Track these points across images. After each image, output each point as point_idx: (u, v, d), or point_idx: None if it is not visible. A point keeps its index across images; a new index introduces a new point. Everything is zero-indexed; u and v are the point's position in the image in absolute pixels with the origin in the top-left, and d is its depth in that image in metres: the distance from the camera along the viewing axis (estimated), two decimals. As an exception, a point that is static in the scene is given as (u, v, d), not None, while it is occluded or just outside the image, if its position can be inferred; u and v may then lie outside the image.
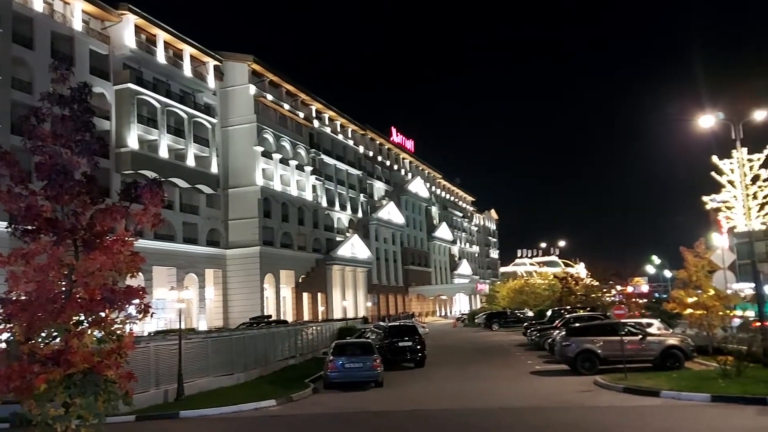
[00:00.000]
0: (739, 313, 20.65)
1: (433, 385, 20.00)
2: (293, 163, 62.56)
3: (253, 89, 57.56)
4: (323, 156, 70.00)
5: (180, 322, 19.60)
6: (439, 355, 29.45)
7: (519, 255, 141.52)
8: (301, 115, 66.07)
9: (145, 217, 9.84)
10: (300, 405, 17.36)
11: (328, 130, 72.68)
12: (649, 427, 12.45)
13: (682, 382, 16.62)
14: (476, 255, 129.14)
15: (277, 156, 59.58)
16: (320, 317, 61.49)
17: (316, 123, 69.54)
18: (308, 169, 65.56)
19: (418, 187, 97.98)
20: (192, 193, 51.25)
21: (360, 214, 78.15)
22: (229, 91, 57.41)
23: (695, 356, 20.85)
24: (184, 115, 50.67)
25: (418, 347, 25.62)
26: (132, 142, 44.69)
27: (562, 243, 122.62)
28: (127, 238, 9.66)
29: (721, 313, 19.11)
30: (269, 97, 60.04)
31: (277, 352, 26.42)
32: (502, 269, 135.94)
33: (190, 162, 50.61)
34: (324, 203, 69.20)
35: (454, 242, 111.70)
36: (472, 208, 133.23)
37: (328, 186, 70.64)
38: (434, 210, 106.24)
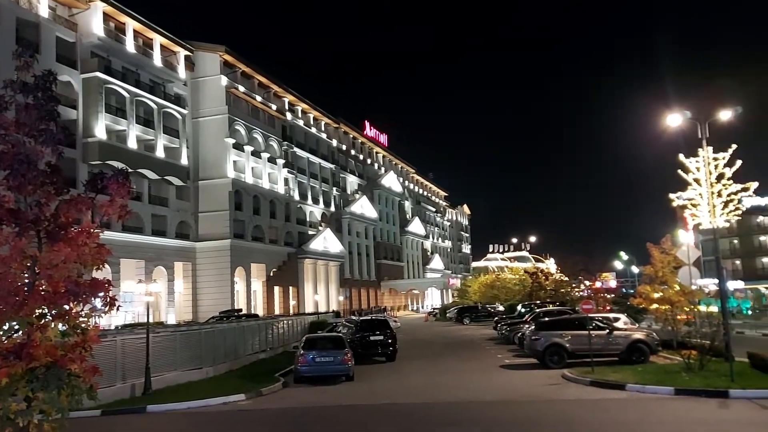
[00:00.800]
0: (702, 308, 21.11)
1: (404, 379, 20.06)
2: (265, 155, 62.00)
3: (224, 80, 56.82)
4: (296, 149, 69.53)
5: (148, 315, 19.30)
6: (410, 349, 29.55)
7: (491, 250, 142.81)
8: (274, 107, 65.47)
9: (112, 209, 9.62)
10: (269, 399, 17.25)
11: (300, 122, 72.18)
12: (614, 419, 12.67)
13: (647, 375, 16.96)
14: (449, 250, 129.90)
15: (248, 148, 58.97)
16: (291, 311, 61.30)
17: (288, 115, 69.00)
18: (280, 161, 65.04)
19: (391, 181, 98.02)
20: (161, 185, 50.46)
21: (333, 208, 77.89)
22: (200, 82, 56.58)
23: (660, 350, 21.32)
24: (154, 106, 49.80)
25: (390, 341, 25.66)
26: (99, 132, 43.78)
27: (533, 239, 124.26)
28: (92, 230, 9.43)
29: (686, 308, 19.51)
30: (241, 88, 59.36)
31: (247, 346, 26.22)
32: (474, 264, 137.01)
33: (160, 153, 49.79)
34: (296, 196, 68.77)
35: (426, 237, 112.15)
36: (445, 203, 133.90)
37: (300, 179, 70.21)
38: (407, 204, 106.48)
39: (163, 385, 18.36)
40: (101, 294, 9.29)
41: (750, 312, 64.13)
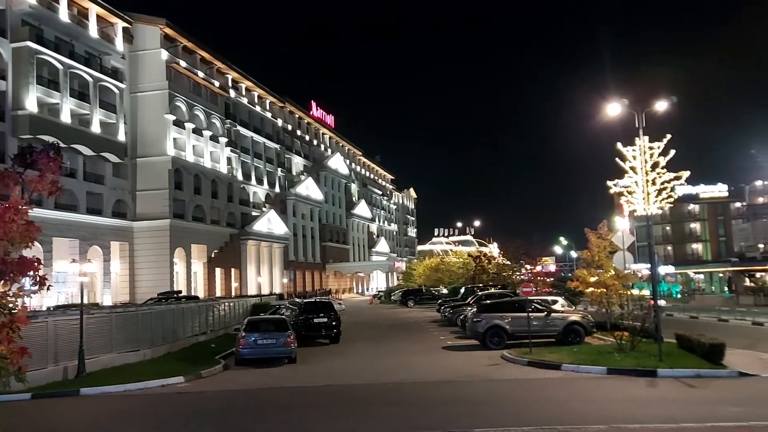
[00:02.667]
0: (635, 291, 21.96)
1: (347, 361, 20.11)
2: (207, 133, 60.44)
3: (165, 54, 54.85)
4: (239, 127, 68.05)
5: (82, 296, 18.60)
6: (354, 332, 29.64)
7: (436, 234, 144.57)
8: (217, 84, 63.76)
9: (42, 185, 9.19)
10: (210, 382, 16.99)
11: (245, 100, 70.64)
12: (549, 397, 13.07)
13: (582, 356, 17.58)
14: (394, 233, 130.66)
15: (189, 125, 57.31)
16: (234, 293, 60.41)
17: (232, 93, 67.38)
18: (223, 140, 63.54)
19: (337, 163, 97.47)
20: (97, 162, 48.48)
21: (277, 189, 76.89)
22: (139, 55, 54.39)
23: (595, 332, 22.12)
24: (90, 79, 47.60)
25: (334, 324, 25.66)
26: (30, 105, 41.58)
27: (477, 223, 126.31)
28: (21, 207, 8.97)
29: (620, 291, 20.25)
30: (182, 63, 57.47)
31: (186, 328, 25.69)
32: (420, 247, 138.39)
33: (96, 128, 47.73)
34: (239, 176, 67.49)
35: (372, 220, 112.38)
36: (391, 187, 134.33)
37: (244, 159, 68.87)
38: (354, 187, 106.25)
39: (98, 368, 17.82)
40: (30, 273, 8.89)
41: (679, 295, 67.55)
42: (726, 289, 70.33)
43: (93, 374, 17.11)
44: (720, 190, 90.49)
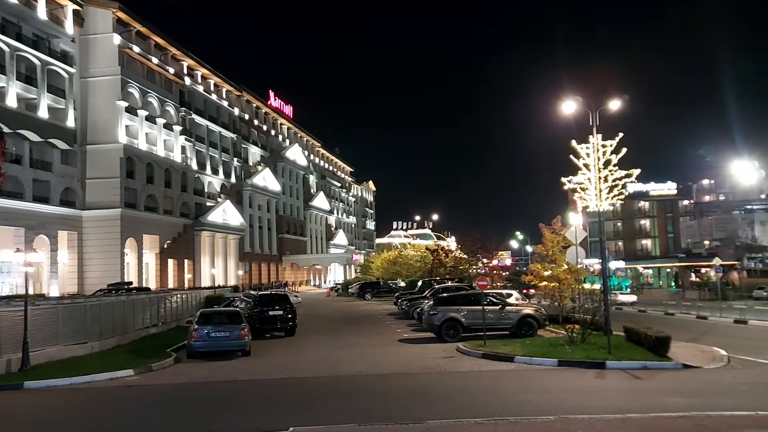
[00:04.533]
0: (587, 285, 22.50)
1: (303, 354, 19.99)
2: (161, 121, 58.97)
3: (117, 39, 53.21)
4: (194, 116, 66.66)
5: (27, 286, 17.92)
6: (310, 324, 29.50)
7: (394, 227, 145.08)
8: (171, 70, 62.23)
9: (-18, 169, 8.75)
10: (160, 375, 16.62)
11: (200, 88, 69.19)
12: (502, 389, 13.26)
13: (534, 348, 17.90)
14: (353, 225, 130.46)
15: (142, 113, 55.80)
16: (187, 285, 59.32)
17: (187, 80, 65.90)
18: (177, 128, 62.11)
19: (296, 154, 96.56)
20: (45, 148, 46.72)
21: (233, 179, 75.71)
22: (90, 39, 52.58)
23: (547, 325, 22.56)
24: (37, 62, 45.76)
25: (289, 316, 25.49)
26: (-27, 87, 39.76)
27: (435, 217, 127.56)
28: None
29: (572, 285, 20.70)
30: (136, 48, 55.87)
31: (137, 320, 25.07)
32: (378, 240, 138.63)
33: (43, 113, 45.98)
34: (194, 166, 66.15)
35: (331, 212, 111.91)
36: (350, 179, 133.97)
37: (199, 148, 67.53)
38: (312, 179, 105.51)
39: (43, 361, 17.23)
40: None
41: (629, 290, 69.56)
42: (673, 284, 72.80)
43: (38, 367, 16.53)
44: (669, 188, 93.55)
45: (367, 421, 10.08)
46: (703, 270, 66.72)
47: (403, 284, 55.45)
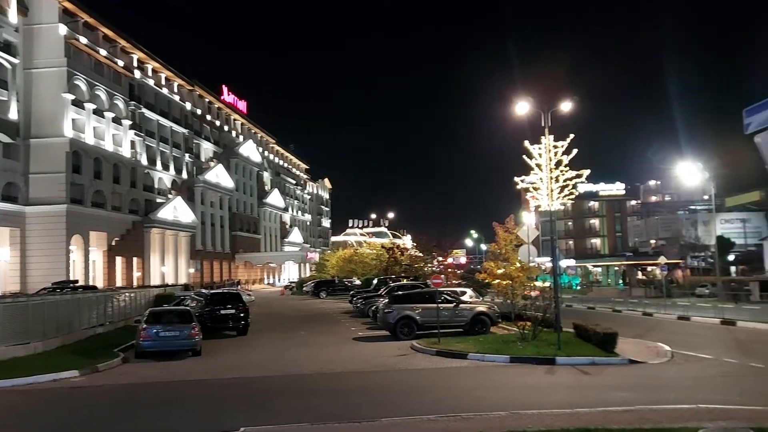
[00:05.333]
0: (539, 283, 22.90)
1: (255, 353, 19.71)
2: (109, 115, 57.24)
3: (63, 29, 51.38)
4: (144, 110, 64.95)
5: (-38, 286, 17.09)
6: (263, 323, 29.15)
7: (350, 225, 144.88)
8: (121, 63, 60.48)
9: None
10: (107, 375, 16.10)
11: (151, 82, 67.47)
12: (456, 385, 13.37)
13: (487, 345, 18.12)
14: (308, 223, 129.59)
15: (90, 106, 54.05)
16: (136, 283, 57.86)
17: (137, 73, 64.16)
18: (127, 123, 60.42)
19: (249, 150, 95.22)
20: (-16, 141, 44.77)
21: (185, 175, 74.14)
22: (34, 29, 50.57)
23: (500, 322, 22.88)
24: (-23, 51, 43.80)
25: (242, 315, 25.10)
26: None
27: (391, 215, 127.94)
28: None
29: (525, 283, 21.04)
30: (83, 39, 54.06)
31: (83, 320, 24.19)
32: (333, 238, 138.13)
33: (-17, 105, 44.04)
34: (144, 161, 64.51)
35: (285, 209, 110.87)
36: (305, 176, 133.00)
37: (149, 143, 65.87)
38: (266, 175, 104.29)
39: (-19, 363, 16.42)
40: None
41: (579, 287, 71.30)
42: (621, 281, 74.89)
43: (-26, 369, 15.75)
44: (618, 188, 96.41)
45: (320, 419, 9.99)
46: (649, 268, 68.93)
47: (358, 282, 55.39)
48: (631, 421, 9.06)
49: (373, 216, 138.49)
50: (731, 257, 62.33)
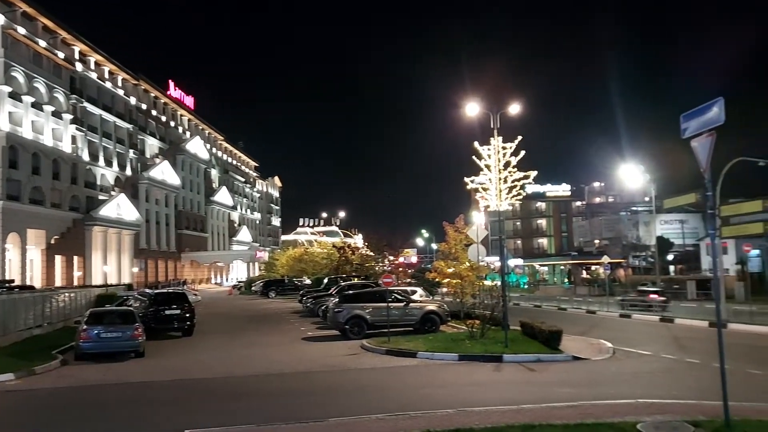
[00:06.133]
0: (488, 282, 23.19)
1: (201, 354, 19.29)
2: (49, 108, 55.04)
3: (0, 19, 49.05)
4: (87, 104, 62.78)
5: None
6: (210, 324, 28.59)
7: (301, 224, 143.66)
8: (61, 55, 58.24)
9: None
10: (44, 378, 15.41)
11: (93, 75, 65.24)
12: (404, 384, 13.41)
13: (436, 343, 18.27)
14: (257, 222, 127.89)
15: (28, 99, 51.85)
16: (76, 283, 55.88)
17: (79, 66, 61.93)
18: (67, 117, 58.25)
19: (197, 147, 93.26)
20: None
21: (129, 172, 72.02)
22: (-32, 16, 48.22)
23: (450, 320, 23.10)
24: None
25: (187, 315, 24.53)
26: None
27: (342, 214, 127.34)
28: None
29: (474, 282, 21.27)
30: (21, 30, 51.84)
31: (18, 320, 23.16)
32: (284, 237, 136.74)
33: None
34: (86, 157, 62.32)
35: (234, 208, 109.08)
36: (255, 174, 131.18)
37: (91, 138, 63.68)
38: (214, 173, 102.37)
39: None
40: None
41: (526, 286, 72.80)
42: (566, 280, 76.82)
43: None
44: (564, 189, 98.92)
45: (267, 421, 9.84)
46: (593, 267, 70.94)
47: (308, 282, 54.98)
48: (573, 416, 9.26)
49: (324, 215, 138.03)
50: (670, 257, 64.81)
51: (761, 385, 12.58)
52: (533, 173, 20.91)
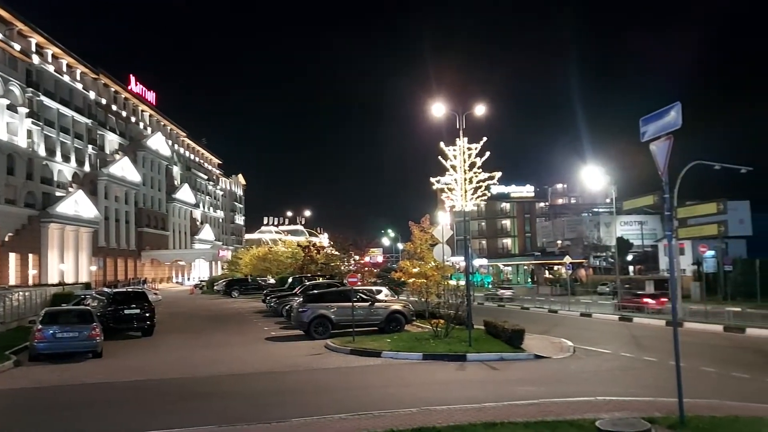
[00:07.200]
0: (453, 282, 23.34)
1: (161, 355, 18.93)
2: (3, 101, 53.42)
3: (-48, 6, 47.34)
4: (44, 98, 60.96)
5: None
6: (171, 324, 28.11)
7: (265, 222, 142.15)
8: (17, 47, 56.45)
9: None
10: (-4, 380, 14.90)
11: (51, 68, 63.39)
12: (369, 384, 13.39)
13: (401, 343, 18.31)
14: (220, 220, 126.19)
15: (-18, 91, 50.11)
16: (31, 281, 54.30)
17: (35, 59, 60.11)
18: (23, 110, 56.51)
19: (158, 143, 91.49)
20: None
21: (87, 168, 70.23)
22: None
23: (414, 320, 23.19)
24: None
25: (147, 315, 24.05)
26: None
27: (308, 213, 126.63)
28: None
29: (439, 281, 21.39)
30: (-25, 19, 50.02)
31: (-31, 321, 22.39)
32: (248, 236, 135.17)
33: None
34: (42, 152, 60.55)
35: (196, 206, 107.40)
36: (218, 172, 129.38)
37: (48, 133, 61.88)
38: (176, 170, 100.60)
39: None
40: None
41: (491, 285, 73.62)
42: (529, 280, 77.97)
43: None
44: (528, 190, 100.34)
45: (229, 421, 9.69)
46: (555, 267, 72.17)
47: (273, 281, 54.47)
48: (534, 414, 9.39)
49: (290, 214, 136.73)
50: (630, 257, 66.37)
51: (714, 383, 12.97)
52: (498, 174, 21.12)
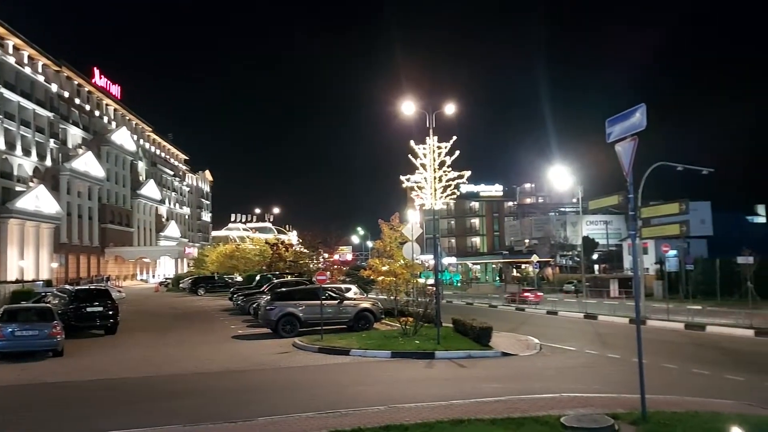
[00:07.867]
0: (421, 280, 23.40)
1: (124, 353, 18.56)
2: (-38, 93, 51.60)
3: None
4: (3, 90, 59.25)
5: None
6: (135, 322, 27.60)
7: (233, 219, 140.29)
8: (-23, 37, 54.69)
9: None
10: (-50, 382, 14.40)
11: (11, 60, 61.58)
12: (337, 382, 13.34)
13: (370, 341, 18.30)
14: (187, 217, 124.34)
15: (-62, 82, 48.39)
16: (-10, 279, 52.60)
17: (-5, 50, 58.31)
18: (-18, 103, 54.76)
19: (123, 138, 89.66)
20: None
21: (49, 163, 68.44)
22: None
23: (383, 318, 23.19)
24: None
25: (110, 313, 23.57)
26: None
27: (276, 210, 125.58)
28: None
29: (408, 280, 21.43)
30: (-69, 7, 48.29)
31: None
32: (214, 233, 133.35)
33: None
34: (1, 146, 58.83)
35: (162, 202, 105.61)
36: (185, 167, 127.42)
37: (8, 126, 60.16)
38: (141, 165, 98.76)
39: None
40: None
41: (459, 284, 74.13)
42: (497, 278, 78.72)
43: None
44: (497, 189, 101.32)
45: (194, 421, 9.54)
46: (523, 266, 73.03)
47: (240, 279, 53.94)
48: (501, 410, 9.48)
49: (258, 211, 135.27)
50: (595, 256, 67.55)
51: (675, 379, 13.29)
52: (467, 173, 21.25)
